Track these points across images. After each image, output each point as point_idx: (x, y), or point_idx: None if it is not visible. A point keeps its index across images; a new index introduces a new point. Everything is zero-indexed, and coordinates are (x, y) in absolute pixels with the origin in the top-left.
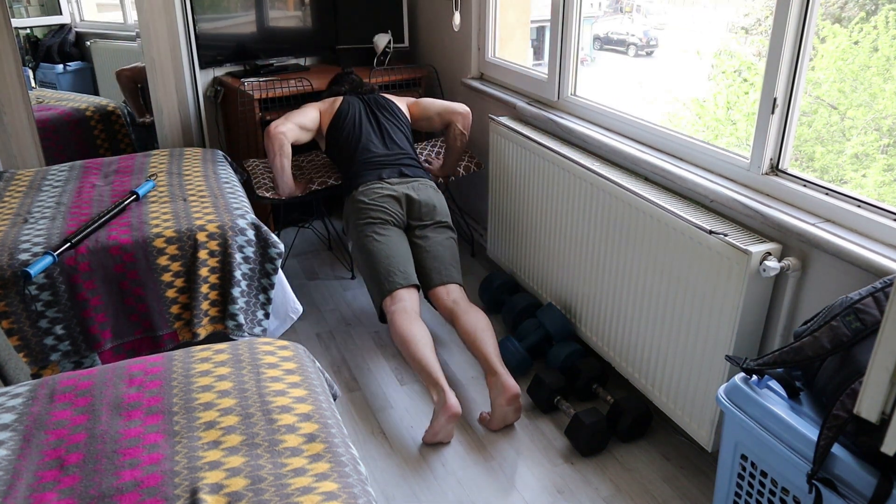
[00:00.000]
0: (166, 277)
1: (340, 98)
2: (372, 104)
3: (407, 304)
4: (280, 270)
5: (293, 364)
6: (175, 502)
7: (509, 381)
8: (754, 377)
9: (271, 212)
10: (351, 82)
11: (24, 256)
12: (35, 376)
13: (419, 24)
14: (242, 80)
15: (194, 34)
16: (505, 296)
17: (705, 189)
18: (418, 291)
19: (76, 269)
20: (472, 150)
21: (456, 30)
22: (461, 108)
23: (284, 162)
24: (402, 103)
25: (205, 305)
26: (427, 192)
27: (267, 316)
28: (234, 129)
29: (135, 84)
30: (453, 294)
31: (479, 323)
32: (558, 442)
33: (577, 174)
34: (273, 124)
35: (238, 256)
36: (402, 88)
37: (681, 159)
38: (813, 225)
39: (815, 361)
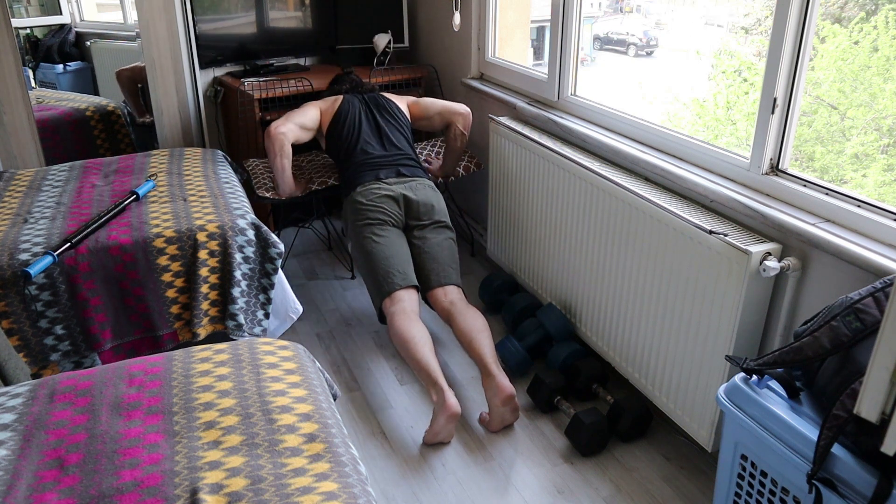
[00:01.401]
0: (166, 277)
1: (341, 98)
2: (371, 104)
3: (406, 305)
4: (280, 270)
5: (293, 364)
6: (175, 502)
7: (504, 382)
8: (754, 377)
9: (271, 212)
10: (351, 82)
11: (24, 256)
12: (35, 376)
13: (419, 24)
14: (242, 80)
15: (194, 34)
16: (505, 296)
17: (705, 189)
18: (417, 292)
19: (76, 269)
20: (472, 150)
21: (456, 30)
22: (462, 108)
23: (285, 162)
24: (403, 103)
25: (205, 305)
26: (425, 191)
27: (267, 316)
28: (234, 129)
29: (135, 84)
30: (451, 295)
31: (476, 323)
32: (558, 442)
33: (577, 174)
34: (273, 125)
35: (238, 256)
36: (402, 88)
37: (681, 159)
38: (813, 225)
39: (815, 361)
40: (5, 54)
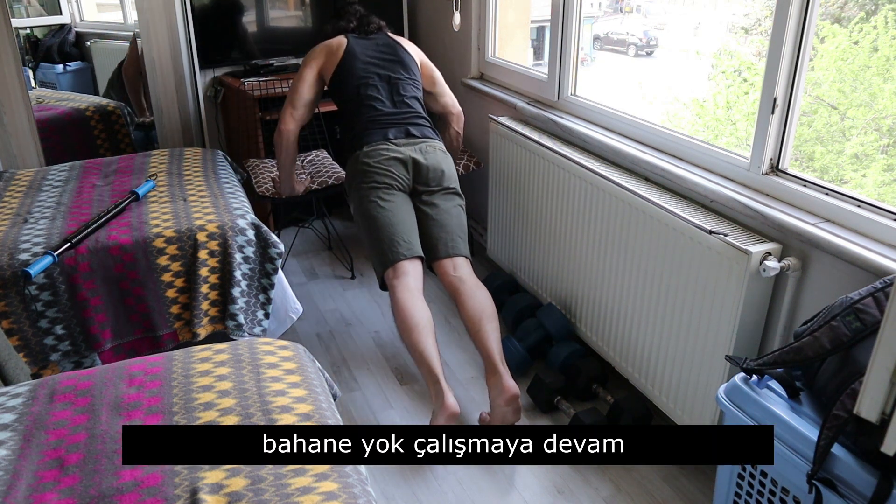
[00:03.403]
0: (166, 277)
1: (345, 42)
2: (383, 50)
3: (410, 280)
4: (280, 270)
5: (293, 364)
6: (175, 502)
7: (509, 381)
8: (754, 377)
9: (271, 212)
10: (357, 16)
11: (24, 256)
12: (35, 376)
13: (419, 24)
14: (242, 80)
15: (194, 34)
16: (505, 296)
17: (705, 189)
18: (422, 263)
19: (76, 269)
20: (472, 150)
21: (456, 30)
22: (457, 108)
23: (288, 160)
24: (417, 55)
25: (205, 305)
26: (435, 155)
27: (267, 316)
28: (234, 129)
29: (140, 81)
30: (459, 269)
31: (486, 310)
32: None
33: (577, 174)
34: (283, 121)
35: (238, 256)
36: None
37: (681, 159)
38: (813, 225)
39: (815, 361)
40: (5, 54)
